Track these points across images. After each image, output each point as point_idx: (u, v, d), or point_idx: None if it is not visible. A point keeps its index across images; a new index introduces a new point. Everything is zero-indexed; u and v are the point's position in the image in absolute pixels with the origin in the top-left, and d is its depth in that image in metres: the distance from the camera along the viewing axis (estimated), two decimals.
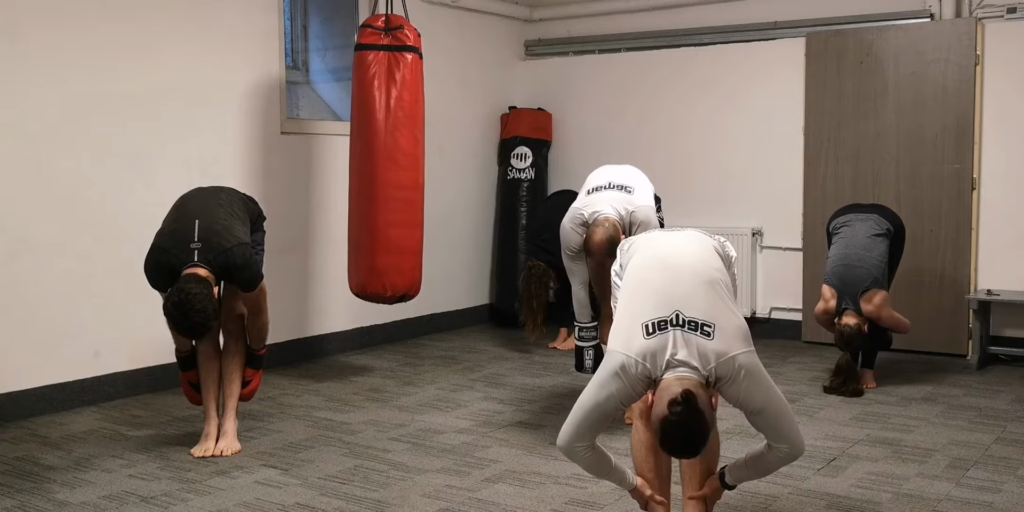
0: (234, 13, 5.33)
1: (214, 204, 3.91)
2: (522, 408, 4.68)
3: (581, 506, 3.34)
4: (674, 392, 2.42)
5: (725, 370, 2.51)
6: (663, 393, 2.47)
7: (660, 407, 2.44)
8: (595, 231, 3.99)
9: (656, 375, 2.52)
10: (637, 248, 2.89)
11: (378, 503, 3.37)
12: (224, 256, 3.69)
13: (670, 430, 2.42)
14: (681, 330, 2.53)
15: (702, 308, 2.56)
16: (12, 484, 3.59)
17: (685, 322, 2.53)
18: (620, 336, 2.62)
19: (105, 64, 4.72)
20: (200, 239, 3.69)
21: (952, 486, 3.51)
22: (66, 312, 4.62)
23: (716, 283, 2.66)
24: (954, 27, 5.71)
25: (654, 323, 2.55)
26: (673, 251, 2.81)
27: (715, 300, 2.60)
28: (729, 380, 2.52)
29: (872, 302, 4.84)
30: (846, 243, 4.99)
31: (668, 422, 2.41)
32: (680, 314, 2.54)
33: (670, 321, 2.54)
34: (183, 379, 4.09)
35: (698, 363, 2.50)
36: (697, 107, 6.68)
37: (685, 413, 2.39)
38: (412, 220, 5.25)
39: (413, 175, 5.22)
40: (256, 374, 4.15)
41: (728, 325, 2.56)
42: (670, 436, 2.43)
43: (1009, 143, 5.66)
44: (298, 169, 5.75)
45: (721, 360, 2.50)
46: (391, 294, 5.19)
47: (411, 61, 5.15)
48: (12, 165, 4.42)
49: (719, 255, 2.82)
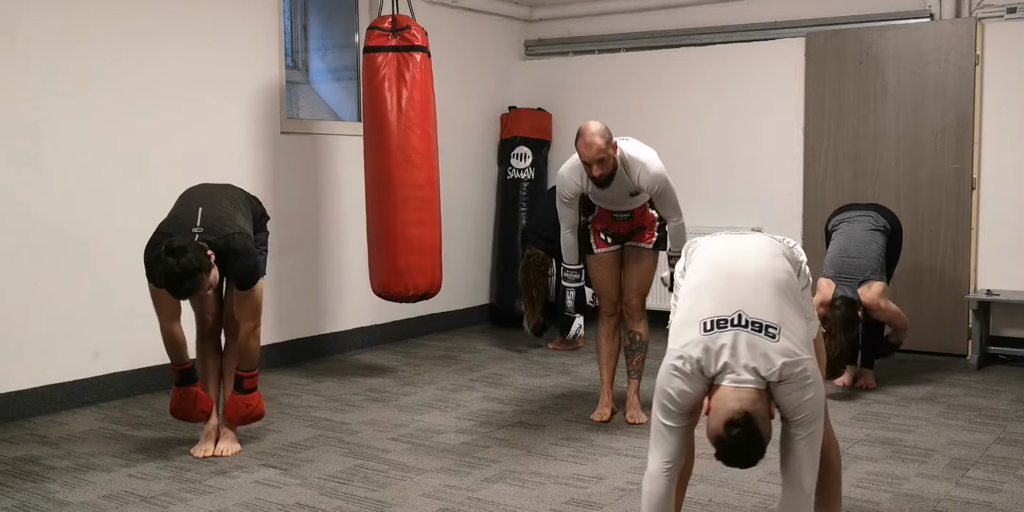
0: (234, 13, 5.33)
1: (219, 195, 3.91)
2: (522, 408, 4.68)
3: (581, 506, 3.34)
4: (731, 410, 2.32)
5: (789, 373, 2.37)
6: (720, 406, 2.35)
7: (716, 424, 2.34)
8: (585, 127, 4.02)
9: (711, 372, 2.39)
10: (699, 250, 2.75)
11: (378, 503, 3.37)
12: (225, 240, 3.64)
13: (727, 450, 2.33)
14: (744, 330, 2.39)
15: (767, 309, 2.44)
16: (12, 484, 3.59)
17: (748, 322, 2.40)
18: (676, 335, 2.50)
19: (105, 64, 4.72)
20: (202, 224, 3.65)
21: (952, 486, 3.52)
22: (66, 312, 4.62)
23: (782, 285, 2.52)
24: (954, 27, 5.71)
25: (713, 321, 2.43)
26: (737, 252, 2.67)
27: (781, 302, 2.47)
28: (790, 384, 2.39)
29: (872, 289, 4.79)
30: (845, 238, 4.99)
31: (725, 443, 2.32)
32: (743, 314, 2.42)
33: (731, 321, 2.41)
34: (176, 394, 3.86)
35: (760, 365, 2.37)
36: (697, 107, 6.68)
37: (743, 436, 2.30)
38: (430, 219, 5.32)
39: (428, 173, 5.29)
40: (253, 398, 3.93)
41: (795, 329, 2.44)
42: (726, 455, 2.34)
43: (1009, 143, 5.65)
44: (298, 169, 5.75)
45: (787, 362, 2.37)
46: (413, 293, 5.28)
47: (420, 61, 5.21)
48: (12, 164, 4.42)
49: (787, 259, 2.65)
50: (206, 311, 4.03)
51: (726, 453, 2.34)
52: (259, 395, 3.97)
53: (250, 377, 3.89)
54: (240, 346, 3.87)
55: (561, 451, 3.97)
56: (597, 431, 4.26)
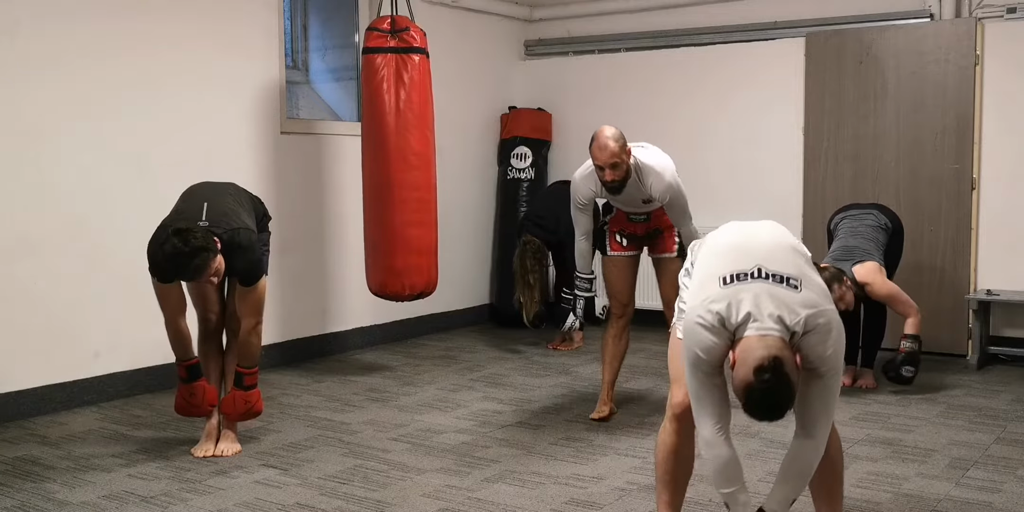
0: (234, 13, 5.33)
1: (223, 192, 3.93)
2: (522, 408, 4.68)
3: (581, 506, 3.34)
4: (759, 357, 2.26)
5: (814, 324, 2.33)
6: (747, 356, 2.29)
7: (745, 372, 2.27)
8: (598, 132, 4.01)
9: (734, 322, 2.35)
10: (706, 241, 2.74)
11: (378, 503, 3.37)
12: (230, 235, 3.64)
13: (756, 397, 2.26)
14: (764, 282, 2.37)
15: (785, 265, 2.43)
16: (12, 484, 3.59)
17: (769, 274, 2.38)
18: (694, 295, 2.48)
19: (105, 64, 4.72)
20: (207, 219, 3.65)
21: (952, 486, 3.52)
22: (66, 312, 4.62)
23: (798, 249, 2.54)
24: (954, 27, 5.70)
25: (732, 275, 2.40)
26: (747, 232, 2.66)
27: (798, 262, 2.47)
28: (815, 334, 2.34)
29: (865, 266, 4.75)
30: (846, 234, 5.00)
31: (754, 391, 2.26)
32: (762, 268, 2.40)
33: (751, 273, 2.39)
34: (182, 391, 3.88)
35: (785, 315, 2.32)
36: (697, 107, 6.68)
37: (773, 381, 2.23)
38: (427, 219, 5.36)
39: (426, 175, 5.33)
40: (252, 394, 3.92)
41: (814, 283, 2.43)
42: (756, 403, 2.27)
43: (1009, 143, 5.65)
44: (298, 169, 5.75)
45: (811, 313, 2.33)
46: (409, 293, 5.35)
47: (418, 62, 5.25)
48: (12, 165, 4.42)
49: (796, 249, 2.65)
50: (209, 310, 4.03)
51: (756, 402, 2.27)
52: (258, 393, 3.97)
53: (250, 374, 3.89)
54: (241, 342, 3.87)
55: (561, 451, 3.97)
56: (597, 431, 4.26)
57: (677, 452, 2.72)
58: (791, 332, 2.33)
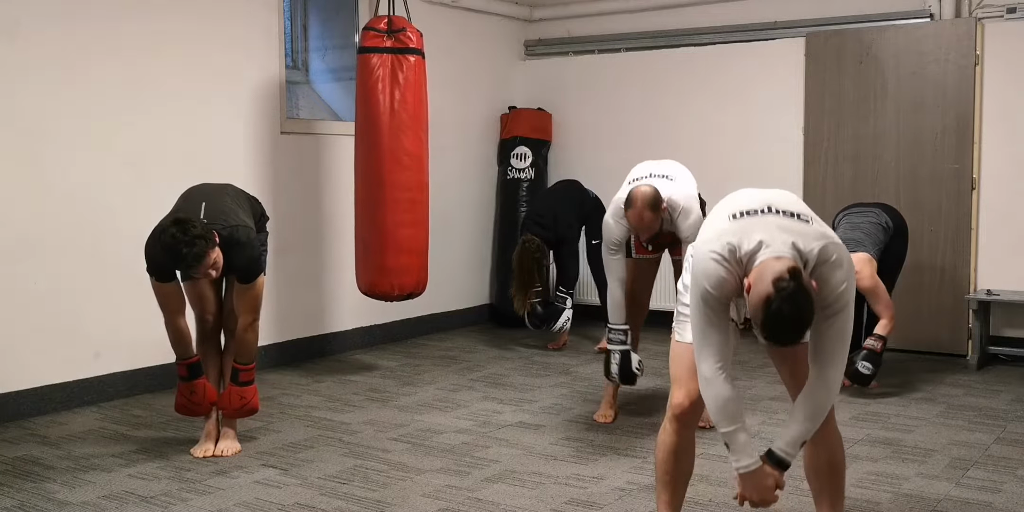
0: (234, 13, 5.33)
1: (222, 192, 3.94)
2: (522, 408, 4.68)
3: (581, 506, 3.34)
4: (777, 270, 2.21)
5: (828, 254, 2.33)
6: (764, 272, 2.24)
7: (763, 286, 2.21)
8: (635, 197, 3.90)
9: (745, 250, 2.32)
10: None
11: (378, 503, 3.37)
12: (229, 231, 3.65)
13: (776, 310, 2.19)
14: (775, 216, 2.37)
15: (796, 205, 2.43)
16: (12, 484, 3.58)
17: (779, 210, 2.38)
18: (703, 232, 2.47)
19: (105, 64, 4.72)
20: (206, 217, 3.66)
21: (952, 486, 3.52)
22: (66, 312, 4.62)
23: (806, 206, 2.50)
24: (954, 27, 5.70)
25: (741, 211, 2.39)
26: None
27: (808, 209, 2.47)
28: (829, 265, 2.33)
29: (856, 255, 4.66)
30: (845, 228, 5.00)
31: (774, 302, 2.18)
32: (772, 205, 2.39)
33: (760, 210, 2.39)
34: (182, 390, 3.87)
35: (800, 241, 2.31)
36: (697, 107, 6.68)
37: (793, 288, 2.18)
38: (418, 220, 5.36)
39: (418, 176, 5.33)
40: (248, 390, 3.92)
41: (823, 224, 2.43)
42: (775, 318, 2.20)
43: (1009, 143, 5.65)
44: (298, 169, 5.75)
45: (824, 244, 2.33)
46: (398, 293, 5.35)
47: (414, 63, 5.24)
48: (12, 165, 4.42)
49: None
50: (206, 310, 4.03)
51: (775, 315, 2.20)
52: (255, 389, 3.97)
53: (247, 370, 3.89)
54: (238, 338, 3.88)
55: (561, 451, 3.97)
56: (597, 431, 4.26)
57: (677, 452, 2.72)
58: (804, 260, 2.32)
